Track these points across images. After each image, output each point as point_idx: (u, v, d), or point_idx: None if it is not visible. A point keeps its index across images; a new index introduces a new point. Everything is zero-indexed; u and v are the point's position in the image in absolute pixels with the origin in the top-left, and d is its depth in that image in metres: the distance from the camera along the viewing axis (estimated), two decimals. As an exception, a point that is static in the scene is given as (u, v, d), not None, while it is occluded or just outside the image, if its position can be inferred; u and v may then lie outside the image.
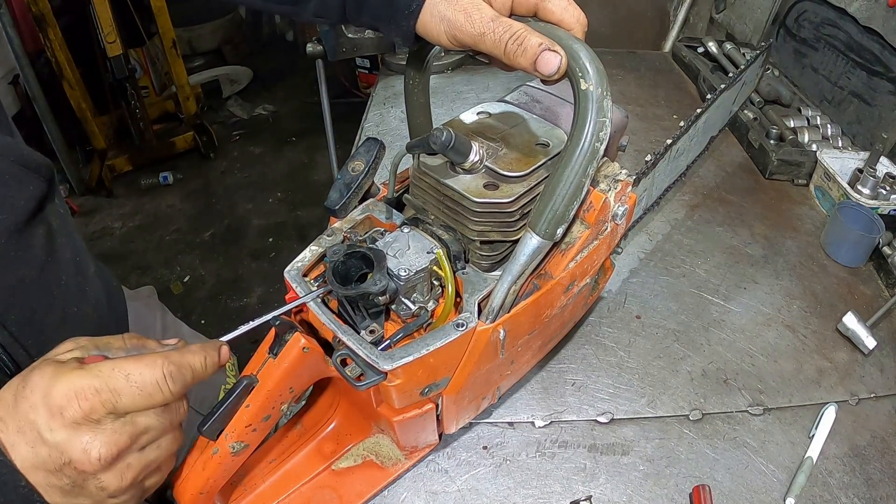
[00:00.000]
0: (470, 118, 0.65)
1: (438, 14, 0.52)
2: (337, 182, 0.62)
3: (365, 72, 3.01)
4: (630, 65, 1.57)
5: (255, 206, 2.98)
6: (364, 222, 0.63)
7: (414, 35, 0.55)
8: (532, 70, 0.49)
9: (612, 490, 0.66)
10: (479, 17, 0.50)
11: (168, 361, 0.44)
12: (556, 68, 0.48)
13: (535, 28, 0.51)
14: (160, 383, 0.44)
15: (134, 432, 0.43)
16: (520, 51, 0.49)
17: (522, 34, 0.49)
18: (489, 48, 0.50)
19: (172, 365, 0.44)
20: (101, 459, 0.41)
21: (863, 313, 0.83)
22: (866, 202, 0.98)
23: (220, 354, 0.50)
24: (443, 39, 0.53)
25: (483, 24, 0.50)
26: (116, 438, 0.42)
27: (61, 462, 0.40)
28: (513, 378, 0.71)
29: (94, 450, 0.41)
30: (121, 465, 0.43)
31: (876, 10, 1.12)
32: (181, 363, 0.45)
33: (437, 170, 0.59)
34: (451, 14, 0.51)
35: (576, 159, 0.51)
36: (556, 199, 0.52)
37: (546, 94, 0.70)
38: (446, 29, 0.52)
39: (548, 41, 0.49)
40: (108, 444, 0.41)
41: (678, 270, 0.94)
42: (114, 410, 0.42)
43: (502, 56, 0.50)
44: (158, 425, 0.45)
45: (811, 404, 0.75)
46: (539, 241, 0.53)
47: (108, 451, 0.41)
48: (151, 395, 0.43)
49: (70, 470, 0.41)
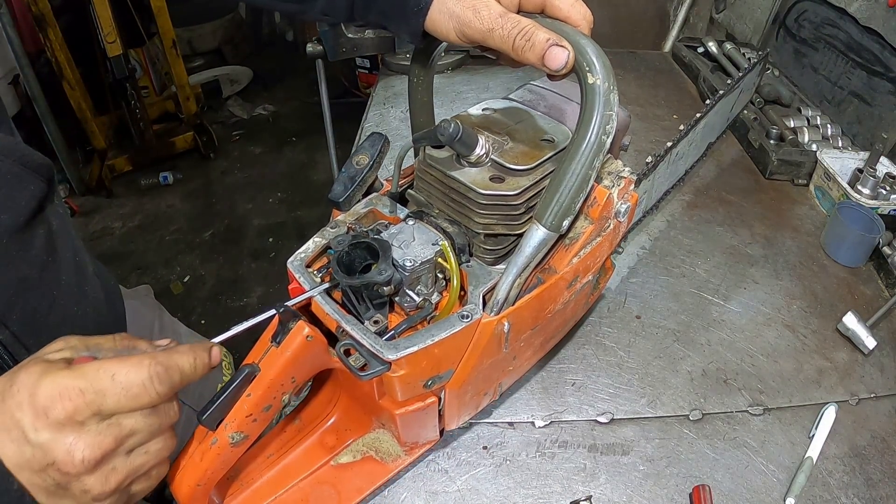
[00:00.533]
0: (476, 113, 0.65)
1: (447, 10, 0.52)
2: (341, 175, 0.62)
3: (365, 72, 3.01)
4: (630, 65, 1.57)
5: (255, 206, 2.98)
6: (368, 216, 0.63)
7: (422, 32, 0.55)
8: (540, 65, 0.50)
9: (612, 490, 0.66)
10: (487, 14, 0.51)
11: (155, 362, 0.43)
12: (564, 63, 0.49)
13: (543, 24, 0.51)
14: (146, 384, 0.43)
15: (119, 434, 0.42)
16: (528, 46, 0.49)
17: (530, 30, 0.49)
18: (498, 44, 0.51)
19: (160, 366, 0.44)
20: (84, 461, 0.40)
21: (863, 313, 0.83)
22: (866, 202, 0.98)
23: (210, 355, 0.48)
24: (451, 36, 0.54)
25: (492, 20, 0.50)
26: (101, 440, 0.41)
27: (45, 463, 0.40)
28: (514, 375, 0.71)
29: (77, 451, 0.40)
30: (105, 468, 0.42)
31: (876, 10, 1.12)
32: (169, 364, 0.44)
33: (443, 162, 0.59)
34: (460, 10, 0.52)
35: (583, 151, 0.51)
36: (562, 191, 0.52)
37: (550, 92, 0.70)
38: (455, 25, 0.52)
39: (555, 36, 0.49)
40: (92, 447, 0.41)
41: (678, 270, 0.94)
42: (98, 412, 0.41)
43: (510, 51, 0.51)
44: (146, 428, 0.44)
45: (811, 404, 0.75)
46: (545, 233, 0.54)
47: (91, 454, 0.41)
48: (137, 396, 0.42)
49: (54, 471, 0.40)
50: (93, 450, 0.41)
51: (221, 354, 0.50)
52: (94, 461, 0.41)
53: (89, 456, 0.41)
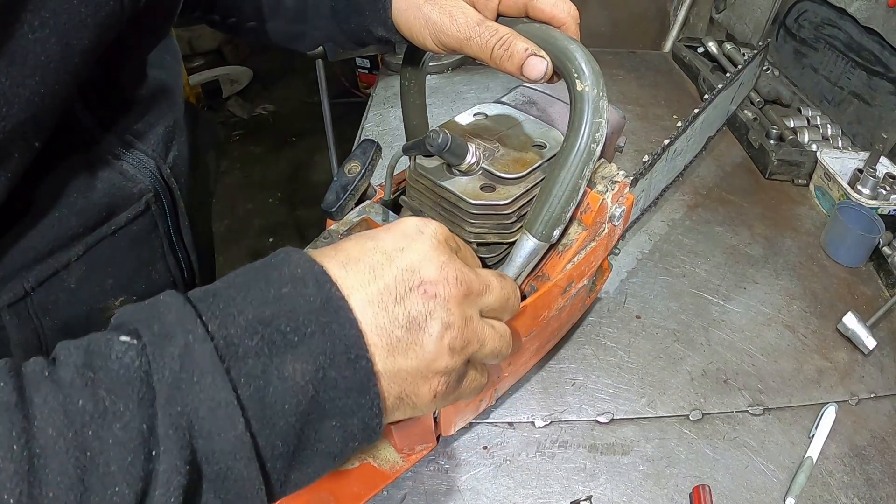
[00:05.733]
0: (466, 119, 0.65)
1: (423, 16, 0.52)
2: (333, 184, 0.62)
3: (365, 72, 3.02)
4: (630, 65, 1.57)
5: (255, 206, 2.98)
6: (360, 224, 0.63)
7: (393, 25, 0.55)
8: (518, 74, 0.49)
9: (612, 490, 0.66)
10: (464, 21, 0.50)
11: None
12: (543, 73, 0.49)
13: (528, 29, 0.50)
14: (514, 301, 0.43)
15: (478, 284, 0.39)
16: (506, 56, 0.49)
17: (509, 39, 0.49)
18: (475, 52, 0.50)
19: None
20: (458, 281, 0.36)
21: (863, 313, 0.83)
22: (866, 202, 0.98)
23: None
24: (428, 42, 0.53)
25: (469, 28, 0.50)
26: (468, 274, 0.38)
27: (411, 283, 0.35)
28: (510, 380, 0.71)
29: (451, 269, 0.36)
30: (468, 305, 0.38)
31: (876, 10, 1.12)
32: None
33: (434, 172, 0.59)
34: (436, 16, 0.51)
35: (572, 161, 0.50)
36: (552, 201, 0.52)
37: (543, 95, 0.69)
38: (431, 31, 0.52)
39: (533, 46, 0.49)
40: (463, 272, 0.37)
41: (678, 270, 0.94)
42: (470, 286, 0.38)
43: (489, 60, 0.50)
44: (497, 305, 0.41)
45: (811, 404, 0.75)
46: (535, 243, 0.53)
47: (463, 276, 0.37)
48: (509, 299, 0.41)
49: (417, 296, 0.35)
50: (464, 274, 0.37)
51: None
52: (465, 286, 0.37)
53: (461, 277, 0.37)
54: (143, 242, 0.58)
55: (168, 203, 0.59)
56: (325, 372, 0.33)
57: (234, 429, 0.30)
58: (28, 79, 0.37)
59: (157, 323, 0.31)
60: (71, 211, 0.49)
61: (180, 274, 0.64)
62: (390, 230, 0.38)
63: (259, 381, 0.31)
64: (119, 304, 0.56)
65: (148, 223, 0.57)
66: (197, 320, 0.31)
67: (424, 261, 0.36)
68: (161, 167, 0.57)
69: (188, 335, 0.30)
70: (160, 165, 0.57)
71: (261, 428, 0.31)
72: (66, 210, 0.48)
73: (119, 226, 0.53)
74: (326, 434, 0.34)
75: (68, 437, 0.27)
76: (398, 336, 0.35)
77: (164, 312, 0.32)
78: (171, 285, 0.63)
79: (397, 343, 0.35)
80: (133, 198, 0.54)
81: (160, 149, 0.58)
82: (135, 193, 0.54)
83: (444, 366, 0.37)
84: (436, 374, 0.37)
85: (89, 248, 0.51)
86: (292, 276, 0.34)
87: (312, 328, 0.33)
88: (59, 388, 0.29)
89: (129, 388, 0.29)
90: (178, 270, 0.63)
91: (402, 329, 0.35)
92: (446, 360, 0.37)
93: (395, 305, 0.35)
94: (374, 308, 0.35)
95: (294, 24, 0.66)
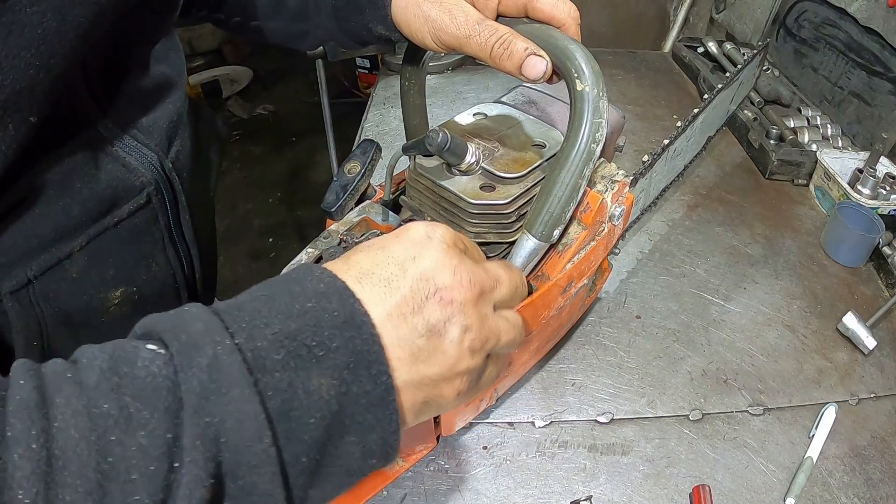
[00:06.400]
0: (466, 119, 0.65)
1: (422, 14, 0.52)
2: (333, 184, 0.62)
3: (365, 72, 3.01)
4: (630, 65, 1.57)
5: (255, 206, 2.98)
6: (360, 224, 0.63)
7: (392, 22, 0.55)
8: (518, 74, 0.49)
9: (612, 490, 0.66)
10: (464, 19, 0.50)
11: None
12: (542, 73, 0.49)
13: (528, 29, 0.50)
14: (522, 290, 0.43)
15: (489, 279, 0.39)
16: (506, 55, 0.49)
17: (508, 38, 0.49)
18: (475, 51, 0.50)
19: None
20: (471, 283, 0.37)
21: (863, 313, 0.83)
22: (866, 202, 0.98)
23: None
24: (428, 41, 0.53)
25: (469, 27, 0.50)
26: (478, 273, 0.38)
27: (424, 294, 0.35)
28: (510, 380, 0.71)
29: (463, 273, 0.37)
30: (482, 304, 0.38)
31: (876, 10, 1.12)
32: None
33: (434, 171, 0.59)
34: (436, 15, 0.51)
35: (572, 161, 0.50)
36: (552, 201, 0.52)
37: (543, 94, 0.70)
38: (430, 29, 0.52)
39: (533, 46, 0.49)
40: (474, 273, 0.38)
41: (678, 270, 0.94)
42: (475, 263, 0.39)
43: (488, 60, 0.50)
44: (509, 297, 0.42)
45: (811, 404, 0.75)
46: (535, 243, 0.53)
47: (475, 277, 0.37)
48: (518, 288, 0.42)
49: (433, 304, 0.35)
50: (476, 275, 0.38)
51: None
52: (479, 287, 0.38)
53: (474, 279, 0.37)
54: (144, 235, 0.58)
55: (169, 197, 0.59)
56: (348, 387, 0.33)
57: (260, 441, 0.30)
58: (24, 51, 0.37)
59: (184, 333, 0.31)
60: (74, 201, 0.49)
61: (180, 267, 0.64)
62: (399, 238, 0.38)
63: (285, 395, 0.31)
64: (119, 295, 0.56)
65: (149, 216, 0.57)
66: (225, 331, 0.31)
67: (437, 267, 0.36)
68: (163, 161, 0.58)
69: (216, 346, 0.30)
70: (162, 159, 0.57)
71: (286, 442, 0.31)
72: (70, 200, 0.49)
73: (121, 217, 0.54)
74: (346, 450, 0.34)
75: (91, 441, 0.27)
76: (420, 345, 0.35)
77: (190, 322, 0.31)
78: (171, 278, 0.63)
79: (419, 352, 0.35)
80: (135, 190, 0.55)
81: (163, 143, 0.58)
82: (137, 186, 0.55)
83: (466, 367, 0.37)
84: (458, 375, 0.37)
85: (91, 238, 0.52)
86: (315, 291, 0.34)
87: (337, 343, 0.33)
88: (82, 391, 0.28)
89: (156, 396, 0.29)
90: (178, 264, 0.63)
91: (423, 338, 0.35)
92: (468, 361, 0.37)
93: (414, 316, 0.35)
94: (394, 321, 0.35)
95: (296, 23, 0.66)
